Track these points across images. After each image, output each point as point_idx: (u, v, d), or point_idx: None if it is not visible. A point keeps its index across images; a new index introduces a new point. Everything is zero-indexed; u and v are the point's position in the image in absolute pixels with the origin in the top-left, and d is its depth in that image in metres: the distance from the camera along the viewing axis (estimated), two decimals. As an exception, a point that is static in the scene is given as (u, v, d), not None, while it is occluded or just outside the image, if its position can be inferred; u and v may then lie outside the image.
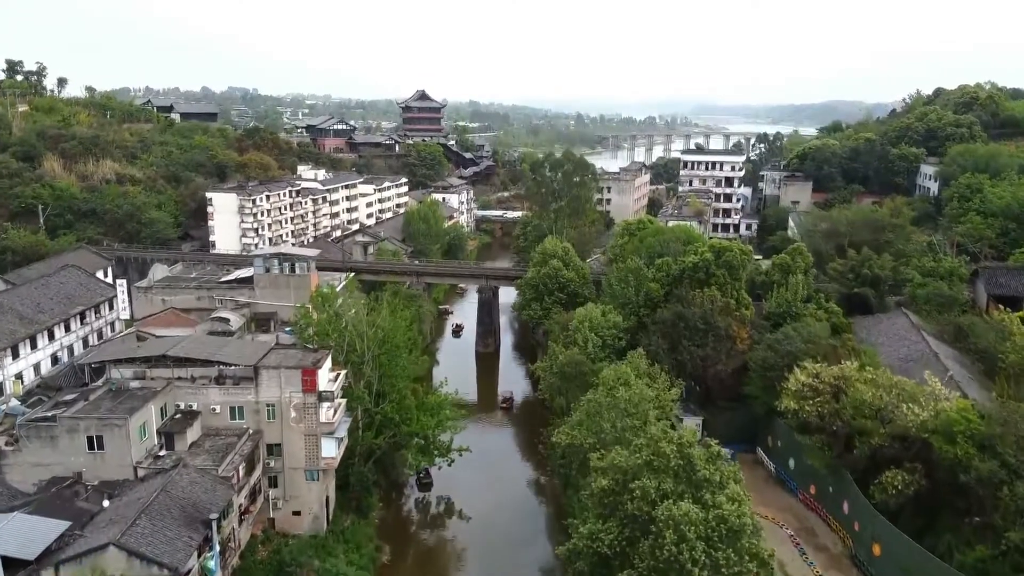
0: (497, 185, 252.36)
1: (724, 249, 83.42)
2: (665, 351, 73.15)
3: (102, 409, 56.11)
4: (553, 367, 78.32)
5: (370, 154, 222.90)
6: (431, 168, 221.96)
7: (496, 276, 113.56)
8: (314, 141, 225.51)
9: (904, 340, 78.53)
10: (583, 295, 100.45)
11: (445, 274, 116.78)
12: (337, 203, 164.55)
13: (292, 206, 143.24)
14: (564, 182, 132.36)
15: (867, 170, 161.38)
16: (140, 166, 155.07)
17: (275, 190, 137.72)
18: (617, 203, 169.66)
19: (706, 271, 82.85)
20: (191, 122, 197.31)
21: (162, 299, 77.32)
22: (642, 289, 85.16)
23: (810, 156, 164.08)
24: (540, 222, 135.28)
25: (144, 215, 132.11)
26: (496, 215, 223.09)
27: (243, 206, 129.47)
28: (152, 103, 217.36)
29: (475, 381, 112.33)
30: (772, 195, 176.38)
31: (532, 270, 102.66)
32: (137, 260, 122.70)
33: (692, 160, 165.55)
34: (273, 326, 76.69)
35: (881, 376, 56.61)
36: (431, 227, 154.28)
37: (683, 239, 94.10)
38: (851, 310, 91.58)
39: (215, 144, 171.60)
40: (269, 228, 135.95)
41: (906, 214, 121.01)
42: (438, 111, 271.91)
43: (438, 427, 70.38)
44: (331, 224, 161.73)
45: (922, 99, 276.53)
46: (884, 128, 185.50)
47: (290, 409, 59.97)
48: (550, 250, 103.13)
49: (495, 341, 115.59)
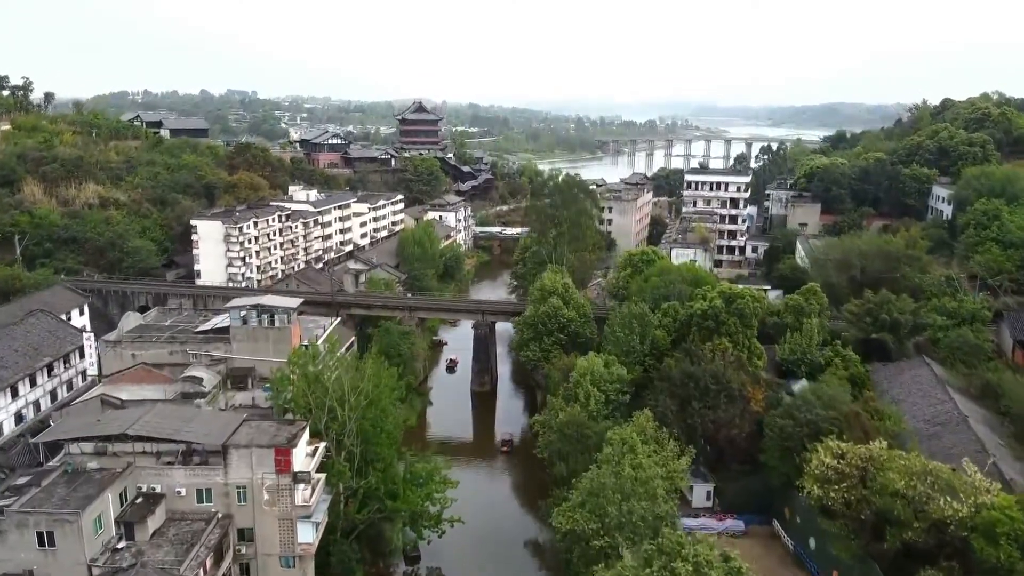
0: (496, 199, 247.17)
1: (735, 296, 78.11)
2: (674, 412, 67.82)
3: (55, 498, 50.86)
4: (553, 424, 73.12)
5: (365, 169, 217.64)
6: (428, 184, 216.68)
7: (493, 311, 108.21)
8: (308, 156, 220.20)
9: (928, 397, 73.20)
10: (584, 335, 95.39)
11: (439, 308, 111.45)
12: (329, 225, 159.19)
13: (281, 231, 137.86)
14: (564, 207, 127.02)
15: (877, 191, 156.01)
16: (125, 188, 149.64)
17: (263, 215, 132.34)
18: (619, 224, 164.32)
19: (716, 319, 77.62)
20: (181, 138, 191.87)
21: (132, 354, 71.95)
22: (647, 337, 79.92)
23: (818, 176, 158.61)
24: (539, 247, 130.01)
25: (126, 243, 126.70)
26: (495, 231, 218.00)
27: (229, 234, 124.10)
28: (141, 118, 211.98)
29: (471, 421, 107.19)
30: (779, 215, 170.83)
31: (530, 308, 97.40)
32: (117, 293, 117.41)
33: (696, 180, 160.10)
34: (251, 383, 71.35)
35: (914, 461, 51.24)
36: (426, 251, 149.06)
37: (690, 279, 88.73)
38: (868, 354, 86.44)
39: (204, 164, 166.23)
40: (257, 256, 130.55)
41: (922, 245, 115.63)
42: (435, 123, 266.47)
43: (427, 499, 64.94)
44: (323, 247, 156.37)
45: (928, 109, 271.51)
46: (894, 146, 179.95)
47: (262, 491, 54.64)
48: (549, 286, 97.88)
49: (491, 379, 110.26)
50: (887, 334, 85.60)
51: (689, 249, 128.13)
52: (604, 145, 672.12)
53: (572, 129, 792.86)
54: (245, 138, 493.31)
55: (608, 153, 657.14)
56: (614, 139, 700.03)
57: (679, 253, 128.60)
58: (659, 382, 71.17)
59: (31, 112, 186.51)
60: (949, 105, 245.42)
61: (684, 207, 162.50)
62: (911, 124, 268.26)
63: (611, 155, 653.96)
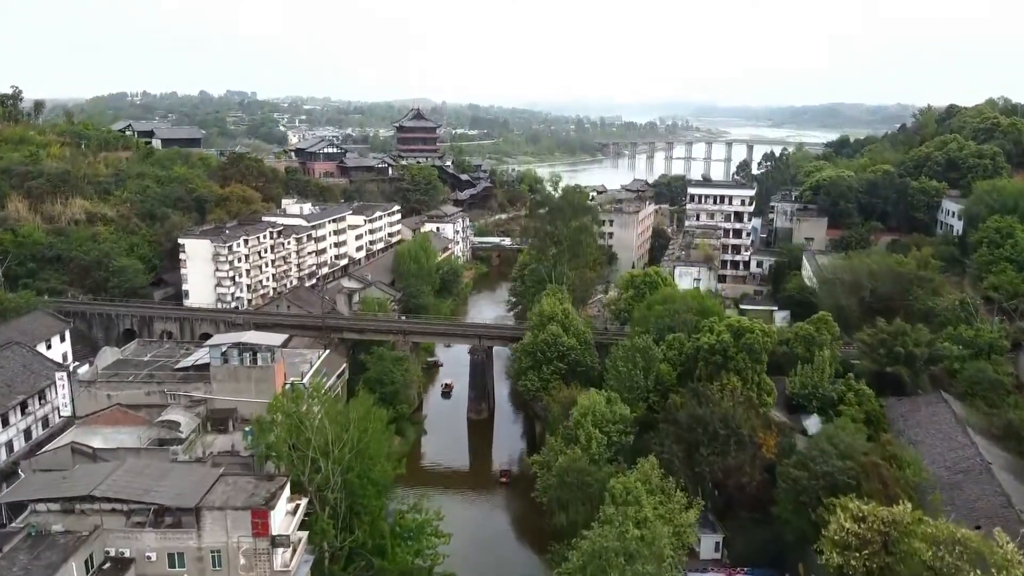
0: (495, 208, 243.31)
1: (744, 330, 74.22)
2: (680, 459, 63.93)
3: (16, 567, 47.11)
4: (552, 465, 69.27)
5: (362, 178, 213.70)
6: (425, 193, 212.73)
7: (490, 336, 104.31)
8: (303, 165, 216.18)
9: (948, 439, 69.28)
10: (584, 363, 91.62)
11: (434, 333, 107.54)
12: (324, 239, 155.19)
13: (273, 248, 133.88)
14: (564, 224, 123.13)
15: (885, 205, 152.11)
16: (113, 203, 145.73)
17: (254, 232, 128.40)
18: (620, 237, 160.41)
19: (724, 354, 73.79)
20: (173, 149, 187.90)
21: (107, 394, 68.10)
22: (652, 372, 76.07)
23: (824, 189, 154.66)
24: (538, 265, 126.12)
25: (112, 262, 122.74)
26: (493, 242, 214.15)
27: (218, 253, 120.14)
28: (133, 128, 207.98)
29: (467, 450, 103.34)
30: (784, 228, 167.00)
31: (529, 335, 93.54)
32: (101, 316, 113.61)
33: (699, 193, 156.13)
34: (232, 425, 67.45)
35: (941, 529, 47.35)
36: (422, 266, 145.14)
37: (696, 308, 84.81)
38: (882, 387, 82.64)
39: (195, 176, 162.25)
40: (247, 274, 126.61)
41: (934, 266, 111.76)
42: (433, 131, 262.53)
43: (417, 555, 61.07)
44: (317, 261, 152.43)
45: (933, 115, 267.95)
46: (901, 157, 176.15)
47: (239, 556, 50.80)
48: (548, 312, 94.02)
49: (489, 407, 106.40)
50: (902, 367, 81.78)
51: (693, 268, 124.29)
52: (604, 147, 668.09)
53: (572, 130, 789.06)
54: (242, 141, 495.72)
55: (608, 156, 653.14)
56: (614, 141, 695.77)
57: (682, 272, 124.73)
58: (664, 424, 67.23)
59: (20, 122, 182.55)
60: (955, 112, 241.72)
61: (687, 220, 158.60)
62: (916, 130, 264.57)
63: (611, 157, 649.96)
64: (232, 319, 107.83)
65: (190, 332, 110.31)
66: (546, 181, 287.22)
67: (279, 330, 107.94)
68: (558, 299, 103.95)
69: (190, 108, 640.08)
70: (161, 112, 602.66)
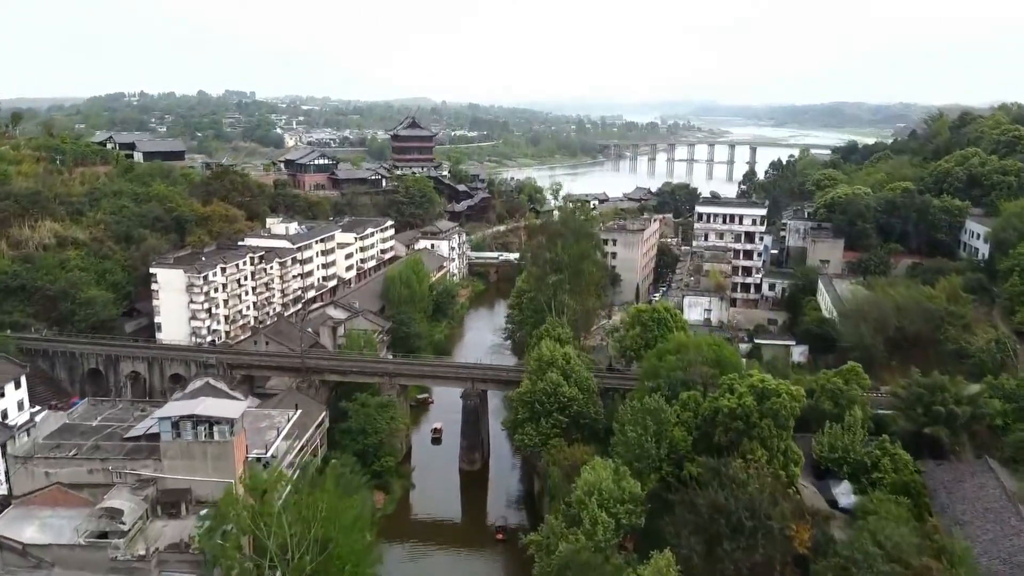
0: (493, 220, 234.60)
1: (769, 392, 65.71)
2: (700, 554, 55.48)
3: None
4: (551, 551, 60.90)
5: (354, 191, 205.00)
6: (420, 206, 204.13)
7: (484, 379, 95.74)
8: (293, 177, 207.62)
9: (1000, 521, 60.79)
10: (588, 415, 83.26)
11: (423, 375, 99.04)
12: (310, 260, 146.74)
13: (254, 275, 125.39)
14: (564, 250, 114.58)
15: (905, 225, 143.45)
16: (86, 224, 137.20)
17: (232, 259, 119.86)
18: (624, 257, 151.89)
19: (746, 419, 65.35)
20: (155, 163, 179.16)
21: (45, 472, 59.73)
22: (665, 438, 67.60)
23: (840, 208, 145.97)
24: (537, 294, 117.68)
25: (81, 293, 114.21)
26: (491, 257, 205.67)
27: (192, 284, 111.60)
28: (114, 140, 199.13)
29: (460, 503, 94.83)
30: (796, 247, 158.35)
31: (526, 382, 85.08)
32: (65, 354, 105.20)
33: (708, 212, 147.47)
34: (185, 508, 59.15)
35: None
36: (414, 291, 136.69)
37: (712, 359, 76.33)
38: (919, 448, 74.34)
39: (175, 194, 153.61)
40: (225, 304, 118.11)
41: (966, 300, 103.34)
42: (429, 139, 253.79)
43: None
44: (303, 285, 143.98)
45: (946, 121, 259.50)
46: (919, 172, 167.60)
47: None
48: (548, 357, 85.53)
49: (483, 456, 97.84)
50: (942, 428, 73.38)
51: (703, 298, 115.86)
52: (605, 149, 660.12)
53: (573, 131, 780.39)
54: (237, 144, 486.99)
55: (609, 158, 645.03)
56: (615, 143, 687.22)
57: (692, 302, 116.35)
58: (681, 511, 58.70)
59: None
60: (969, 119, 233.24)
61: (694, 240, 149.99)
62: (928, 137, 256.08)
63: (612, 159, 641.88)
64: (204, 359, 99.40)
65: (159, 373, 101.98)
66: (546, 190, 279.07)
67: (256, 371, 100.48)
68: (558, 340, 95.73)
69: (186, 109, 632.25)
70: (158, 114, 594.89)
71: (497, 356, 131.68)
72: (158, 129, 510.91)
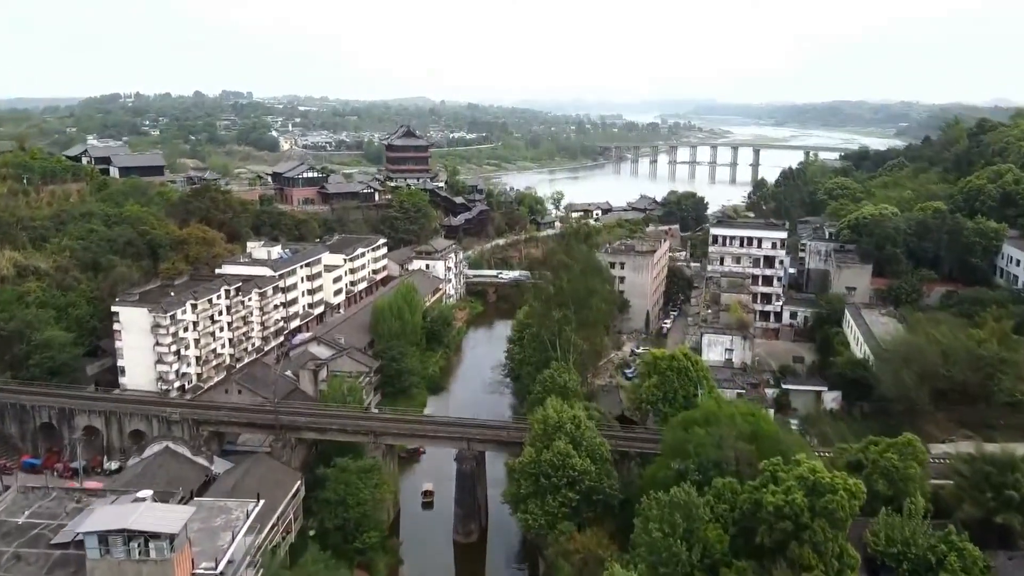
0: (491, 233, 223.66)
1: (823, 487, 54.86)
2: None
3: None
4: None
5: (344, 206, 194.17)
6: (415, 222, 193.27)
7: (483, 439, 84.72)
8: (280, 191, 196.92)
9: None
10: (602, 490, 72.52)
11: (413, 435, 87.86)
12: (294, 287, 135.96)
13: (230, 309, 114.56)
14: (570, 285, 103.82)
15: (937, 248, 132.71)
16: (50, 251, 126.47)
17: (205, 294, 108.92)
18: (633, 282, 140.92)
19: (795, 519, 54.61)
20: (131, 179, 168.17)
21: (-55, 596, 49.13)
22: (697, 539, 56.75)
23: (866, 230, 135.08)
24: (541, 330, 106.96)
25: (38, 334, 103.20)
26: (489, 275, 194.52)
27: (158, 324, 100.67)
28: (89, 154, 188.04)
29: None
30: (818, 269, 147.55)
31: (530, 450, 74.33)
32: (15, 406, 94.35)
33: (724, 235, 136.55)
34: (117, 643, 48.23)
35: None
36: (406, 323, 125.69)
37: (749, 433, 65.48)
38: (984, 536, 63.61)
39: (150, 216, 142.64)
40: (196, 344, 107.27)
41: (1019, 343, 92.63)
42: (424, 150, 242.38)
43: None
44: (286, 314, 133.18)
45: (963, 129, 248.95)
46: (948, 189, 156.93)
47: None
48: (554, 420, 74.72)
49: (480, 526, 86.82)
50: (1015, 514, 62.72)
51: (724, 336, 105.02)
52: (606, 151, 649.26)
53: (573, 131, 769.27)
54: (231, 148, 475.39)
55: (610, 160, 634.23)
56: (616, 145, 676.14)
57: (711, 341, 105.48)
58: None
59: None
60: (988, 127, 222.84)
61: (709, 264, 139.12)
62: (944, 144, 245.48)
63: (613, 162, 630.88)
64: (168, 415, 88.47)
65: (118, 429, 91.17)
66: (547, 200, 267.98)
67: (225, 427, 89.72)
68: (564, 392, 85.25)
69: (181, 111, 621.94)
70: (152, 116, 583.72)
71: (496, 396, 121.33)
72: (151, 133, 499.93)
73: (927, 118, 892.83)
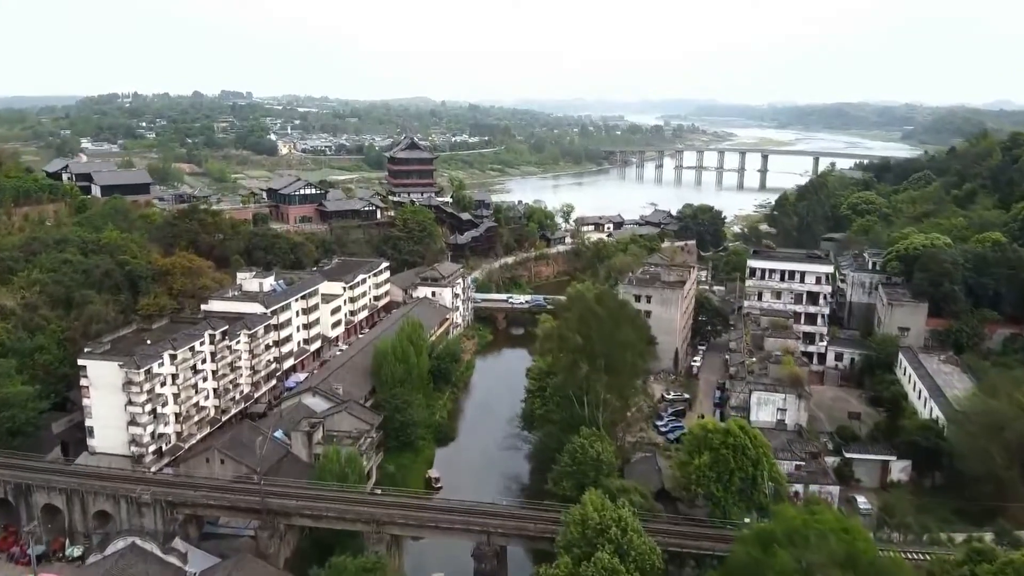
0: (500, 251, 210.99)
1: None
2: None
3: None
4: None
5: (344, 225, 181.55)
6: (419, 242, 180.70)
7: (505, 532, 72.01)
8: (276, 209, 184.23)
9: None
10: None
11: (422, 525, 74.88)
12: (288, 323, 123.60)
13: (214, 355, 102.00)
14: (599, 337, 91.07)
15: (998, 285, 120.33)
16: (18, 285, 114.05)
17: (185, 343, 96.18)
18: (660, 317, 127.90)
19: None
20: (114, 199, 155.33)
21: None
22: None
23: (919, 264, 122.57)
24: (566, 385, 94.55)
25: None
26: (499, 299, 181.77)
27: (130, 381, 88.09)
28: (70, 169, 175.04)
29: None
30: (861, 303, 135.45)
31: (565, 559, 61.71)
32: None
33: (762, 267, 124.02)
34: None
35: None
36: (411, 367, 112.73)
37: (841, 557, 52.86)
38: None
39: (131, 242, 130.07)
40: (175, 399, 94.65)
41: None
42: (429, 162, 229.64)
43: None
44: (280, 354, 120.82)
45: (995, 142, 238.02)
46: (1001, 215, 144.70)
47: None
48: (595, 520, 62.10)
49: (502, 632, 74.27)
50: None
51: (776, 394, 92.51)
52: (611, 156, 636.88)
53: (576, 134, 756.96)
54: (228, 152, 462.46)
55: (615, 164, 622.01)
56: (621, 149, 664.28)
57: (762, 399, 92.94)
58: None
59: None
60: (1022, 140, 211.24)
61: (746, 299, 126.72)
62: (974, 158, 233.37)
63: (618, 166, 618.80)
64: (137, 495, 75.82)
65: (81, 509, 78.64)
66: (556, 213, 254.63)
67: (202, 509, 77.20)
68: (599, 458, 73.31)
69: (179, 112, 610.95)
70: (149, 117, 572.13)
71: (511, 453, 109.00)
72: (147, 136, 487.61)
73: (933, 121, 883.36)
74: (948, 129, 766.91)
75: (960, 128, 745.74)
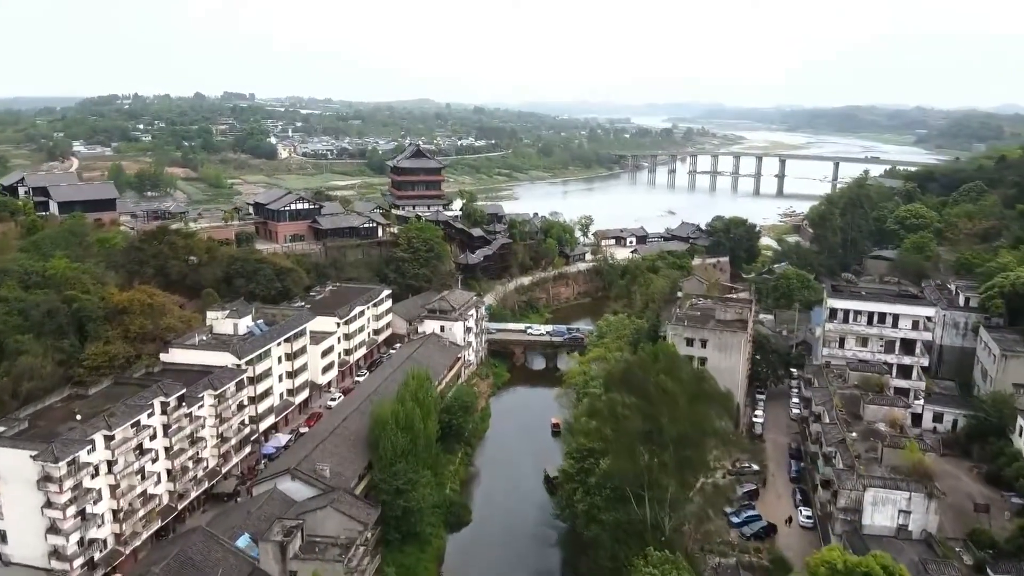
0: (515, 271, 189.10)
1: None
2: None
3: None
4: None
5: (340, 244, 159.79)
6: (426, 263, 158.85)
7: None
8: (264, 226, 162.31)
9: None
10: None
11: None
12: (268, 374, 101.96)
13: (167, 429, 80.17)
14: (668, 416, 69.15)
15: None
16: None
17: (128, 415, 74.33)
18: (718, 367, 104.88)
19: None
20: (73, 216, 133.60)
21: None
22: None
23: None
24: (620, 476, 72.57)
25: None
26: (516, 330, 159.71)
27: (48, 476, 66.43)
28: (26, 183, 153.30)
29: None
30: (953, 347, 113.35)
31: None
32: None
33: (845, 308, 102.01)
34: None
35: None
36: (417, 435, 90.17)
37: None
38: None
39: (83, 273, 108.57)
40: (114, 492, 72.85)
41: None
42: (437, 172, 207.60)
43: None
44: (256, 413, 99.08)
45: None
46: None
47: None
48: None
49: None
50: None
51: (899, 492, 70.07)
52: (622, 160, 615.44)
53: (584, 137, 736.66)
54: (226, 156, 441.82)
55: (626, 169, 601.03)
56: (632, 153, 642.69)
57: (879, 498, 70.40)
58: None
59: None
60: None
61: (825, 346, 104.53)
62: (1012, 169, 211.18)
63: (629, 171, 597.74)
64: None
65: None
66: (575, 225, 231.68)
67: None
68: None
69: (178, 114, 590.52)
70: (147, 119, 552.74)
71: (541, 547, 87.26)
72: (142, 138, 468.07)
73: (948, 125, 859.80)
74: (964, 133, 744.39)
75: (977, 132, 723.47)
